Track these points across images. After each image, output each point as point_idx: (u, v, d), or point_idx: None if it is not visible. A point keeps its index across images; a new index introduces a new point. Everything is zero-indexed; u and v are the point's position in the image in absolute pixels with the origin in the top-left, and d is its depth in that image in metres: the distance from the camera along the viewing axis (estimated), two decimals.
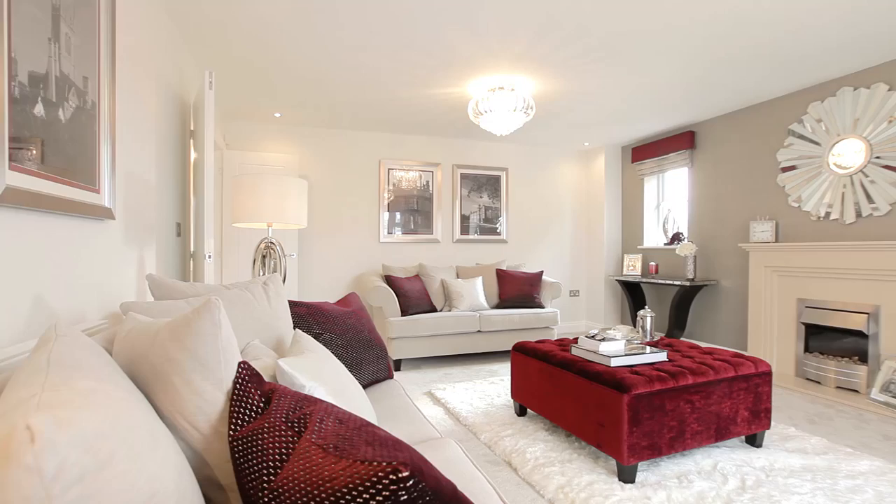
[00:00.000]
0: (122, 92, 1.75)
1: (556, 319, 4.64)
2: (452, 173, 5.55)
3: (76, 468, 0.46)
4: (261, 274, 2.90)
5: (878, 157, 3.38)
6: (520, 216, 5.89)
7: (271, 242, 2.94)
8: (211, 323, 0.84)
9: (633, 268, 5.47)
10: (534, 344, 2.84)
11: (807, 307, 3.73)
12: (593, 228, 6.07)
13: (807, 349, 3.75)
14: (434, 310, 4.48)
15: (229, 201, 4.56)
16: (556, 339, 3.03)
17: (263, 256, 2.93)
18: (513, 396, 2.92)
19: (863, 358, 3.42)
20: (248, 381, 0.84)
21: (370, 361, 2.20)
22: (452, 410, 3.06)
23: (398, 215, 5.32)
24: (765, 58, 3.25)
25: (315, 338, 2.04)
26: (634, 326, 5.25)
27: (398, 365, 4.17)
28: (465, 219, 5.60)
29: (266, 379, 1.15)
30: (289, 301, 2.06)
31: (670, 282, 4.64)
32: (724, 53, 3.17)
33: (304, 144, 4.98)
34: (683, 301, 4.74)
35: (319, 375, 1.17)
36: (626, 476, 2.08)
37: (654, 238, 5.58)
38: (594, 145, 5.90)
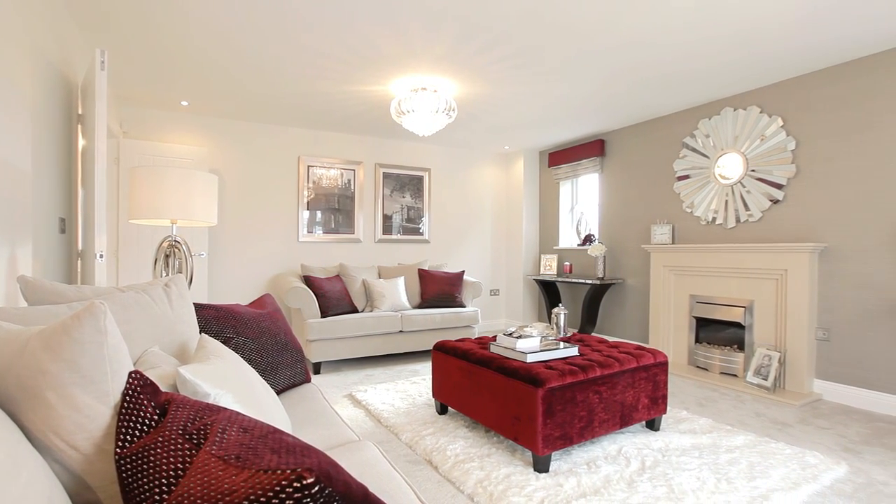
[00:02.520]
0: None
1: (477, 318, 4.76)
2: (375, 172, 5.48)
3: None
4: (163, 275, 2.67)
5: (753, 171, 3.84)
6: (442, 217, 5.96)
7: (176, 241, 2.71)
8: (94, 330, 0.75)
9: (549, 267, 5.75)
10: (454, 343, 2.88)
11: (697, 302, 4.15)
12: (513, 229, 6.30)
13: (697, 340, 4.18)
14: (355, 310, 4.40)
15: (127, 195, 4.15)
16: (476, 337, 3.11)
17: (167, 256, 2.70)
18: (434, 395, 2.94)
19: (741, 346, 3.87)
20: (139, 393, 0.76)
21: (286, 365, 2.11)
22: (373, 412, 3.02)
23: (319, 214, 5.15)
24: (663, 77, 3.57)
25: (225, 342, 1.92)
26: (550, 323, 5.53)
27: (318, 368, 4.04)
28: (387, 218, 5.56)
29: (164, 389, 1.06)
30: (195, 304, 1.92)
31: (583, 280, 4.94)
32: (630, 72, 3.43)
33: (215, 137, 4.66)
34: (594, 298, 5.07)
35: (226, 382, 1.10)
36: (541, 466, 2.18)
37: (568, 239, 5.91)
38: (514, 149, 6.13)
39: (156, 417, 0.73)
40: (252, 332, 2.02)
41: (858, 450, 2.50)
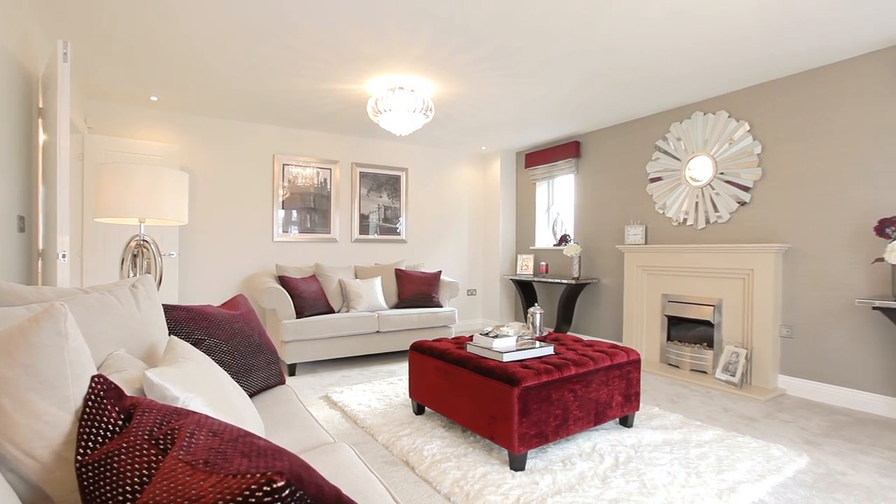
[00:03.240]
0: None
1: (454, 318, 4.76)
2: (352, 171, 5.43)
3: None
4: (131, 276, 2.59)
5: (722, 173, 3.96)
6: (419, 216, 5.95)
7: (144, 240, 2.63)
8: (54, 333, 0.72)
9: (525, 267, 5.80)
10: (431, 343, 2.88)
11: (669, 301, 4.25)
12: (490, 230, 6.33)
13: (669, 338, 4.28)
14: (331, 311, 4.35)
15: (93, 193, 4.00)
16: (453, 337, 3.11)
17: (134, 256, 2.62)
18: (411, 396, 2.93)
19: (710, 344, 3.99)
20: (103, 398, 0.74)
21: (260, 367, 2.07)
22: (350, 413, 2.99)
23: (294, 213, 5.08)
24: (637, 82, 3.64)
25: (196, 344, 1.87)
26: (526, 323, 5.58)
27: (293, 369, 3.98)
28: (364, 218, 5.52)
29: (131, 393, 1.02)
30: (164, 305, 1.87)
31: (558, 280, 5.01)
32: (605, 76, 3.49)
33: (186, 133, 4.54)
34: (570, 298, 5.14)
35: (196, 385, 1.07)
36: (517, 464, 2.19)
37: (544, 239, 5.97)
38: (491, 149, 6.16)
39: (120, 423, 0.71)
40: (224, 334, 1.98)
41: (819, 442, 2.60)
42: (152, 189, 2.31)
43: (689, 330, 4.20)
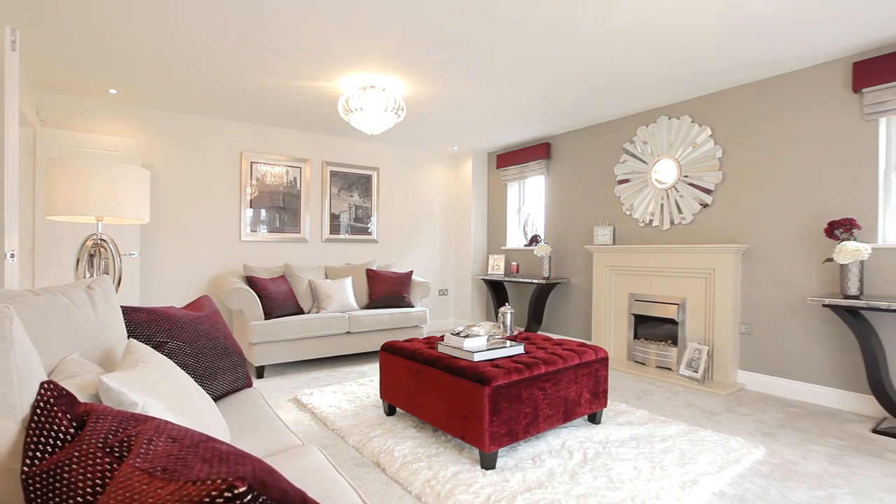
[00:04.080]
0: None
1: (426, 318, 4.76)
2: (322, 170, 5.35)
3: None
4: (87, 276, 2.47)
5: (686, 176, 4.09)
6: (391, 216, 5.92)
7: (102, 239, 2.52)
8: None
9: (496, 267, 5.85)
10: (402, 343, 2.87)
11: (636, 300, 4.36)
12: (461, 230, 6.35)
13: (635, 336, 4.39)
14: (301, 312, 4.27)
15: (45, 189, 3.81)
16: (424, 337, 3.11)
17: (91, 256, 2.50)
18: (382, 396, 2.91)
19: (675, 341, 4.11)
20: (53, 405, 0.70)
21: (226, 370, 2.01)
22: (320, 415, 2.95)
23: (263, 212, 4.96)
24: (605, 86, 3.72)
25: (158, 347, 1.81)
26: (497, 322, 5.63)
27: (261, 372, 3.89)
28: (334, 217, 5.45)
29: (85, 400, 0.98)
30: (123, 307, 1.79)
31: (529, 280, 5.07)
32: (574, 80, 3.55)
33: (149, 128, 4.37)
34: (540, 297, 5.21)
35: (156, 390, 1.03)
36: (488, 463, 2.21)
37: (515, 240, 6.03)
38: (463, 150, 6.18)
39: (72, 431, 0.68)
40: (188, 336, 1.92)
41: (774, 433, 2.72)
42: (110, 186, 2.21)
43: (654, 328, 4.32)
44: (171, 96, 4.04)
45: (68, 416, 0.70)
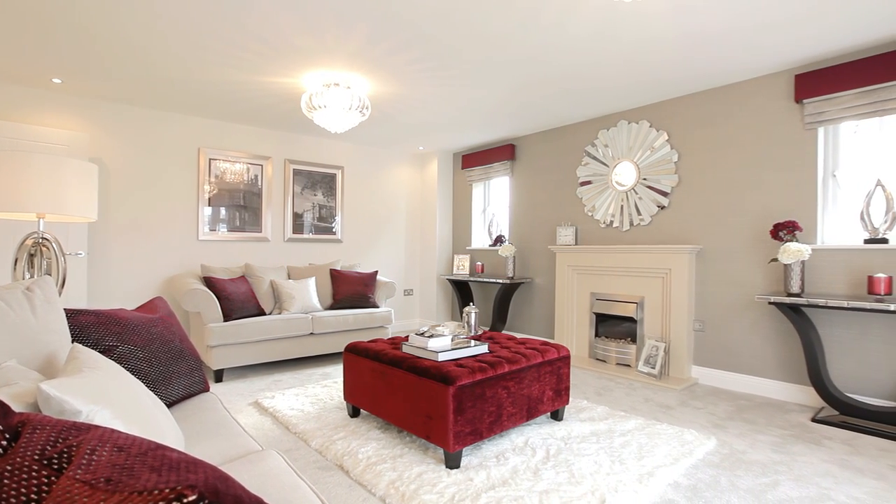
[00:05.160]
0: None
1: (391, 318, 4.73)
2: (285, 168, 5.23)
3: None
4: (26, 277, 2.32)
5: (644, 179, 4.24)
6: (356, 216, 5.85)
7: (44, 238, 2.37)
8: None
9: (461, 267, 5.88)
10: (366, 344, 2.84)
11: (597, 299, 4.48)
12: (427, 230, 6.35)
13: (597, 334, 4.51)
14: (262, 313, 4.16)
15: None
16: (389, 337, 3.09)
17: (31, 255, 2.35)
18: (346, 398, 2.87)
19: (634, 339, 4.25)
20: None
21: (182, 374, 1.94)
22: (281, 419, 2.88)
23: (223, 211, 4.80)
24: (568, 90, 3.80)
25: (107, 352, 1.72)
26: (462, 322, 5.66)
27: (220, 375, 3.76)
28: (298, 217, 5.33)
29: (22, 409, 0.92)
30: (68, 310, 1.69)
31: (494, 280, 5.12)
32: (538, 83, 3.61)
33: (97, 121, 4.15)
34: (505, 297, 5.27)
35: (103, 397, 0.98)
36: (452, 462, 2.21)
37: (480, 240, 6.08)
38: (428, 150, 6.18)
39: (4, 444, 0.63)
40: (141, 340, 1.84)
41: (725, 425, 2.85)
42: (53, 181, 2.08)
43: (615, 326, 4.45)
44: (121, 88, 3.85)
45: (0, 427, 0.65)
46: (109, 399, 1.00)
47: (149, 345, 1.85)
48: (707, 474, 2.21)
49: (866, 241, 3.00)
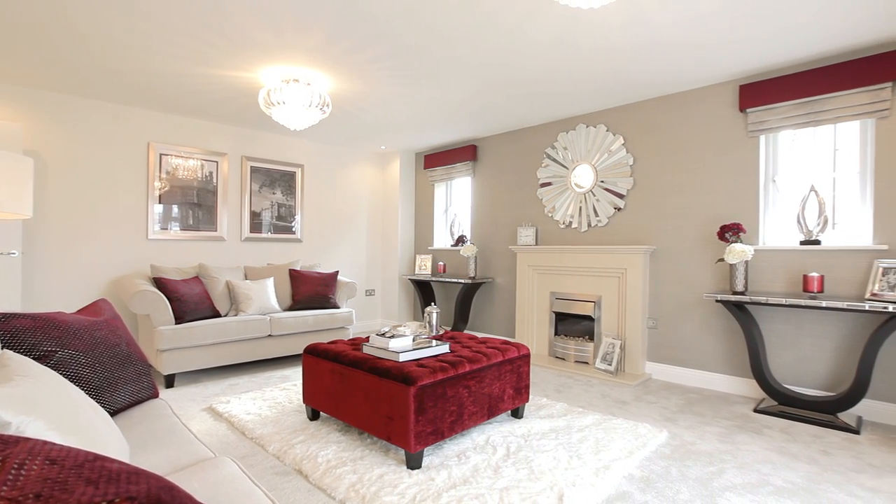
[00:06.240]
0: None
1: (352, 319, 4.67)
2: (242, 165, 5.07)
3: None
4: None
5: (602, 181, 4.36)
6: (316, 215, 5.73)
7: None
8: None
9: (423, 267, 5.87)
10: (326, 345, 2.79)
11: (556, 298, 4.58)
12: (389, 230, 6.30)
13: (556, 333, 4.61)
14: (217, 315, 4.02)
15: None
16: (350, 339, 3.05)
17: None
18: (305, 401, 2.81)
19: (591, 337, 4.37)
20: None
21: (128, 380, 1.85)
22: (237, 424, 2.79)
23: (175, 209, 4.60)
24: (528, 93, 3.86)
25: (44, 358, 1.61)
26: (424, 322, 5.65)
27: (171, 381, 3.60)
28: (255, 215, 5.17)
29: None
30: (0, 313, 1.58)
31: (455, 280, 5.14)
32: (500, 85, 3.65)
33: (33, 111, 3.88)
34: (466, 297, 5.30)
35: (35, 407, 0.92)
36: (414, 463, 2.21)
37: (442, 240, 6.10)
38: (390, 149, 6.14)
39: None
40: (83, 344, 1.74)
41: (675, 418, 2.98)
42: None
43: (574, 325, 4.56)
44: (61, 76, 3.62)
45: None
46: (43, 409, 0.94)
47: (92, 350, 1.75)
48: (659, 466, 2.30)
49: (802, 243, 3.21)
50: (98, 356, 1.76)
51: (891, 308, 2.58)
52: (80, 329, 1.78)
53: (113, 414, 1.75)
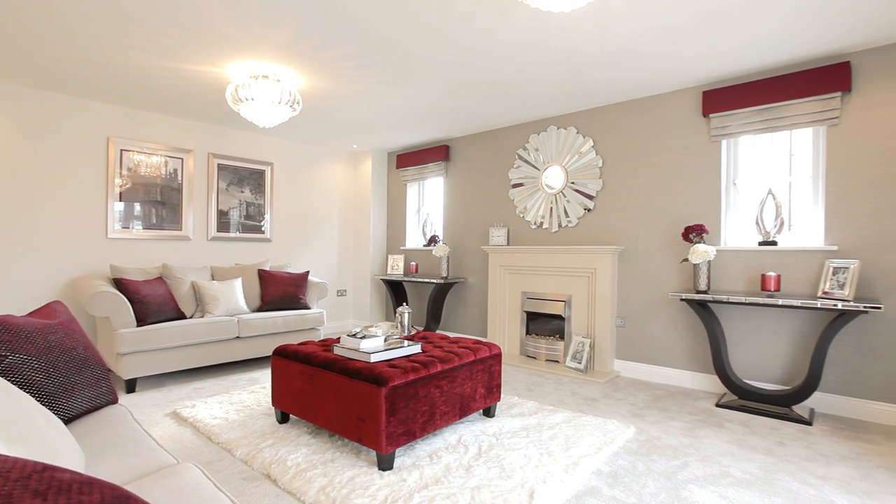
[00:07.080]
0: None
1: (323, 320, 4.60)
2: (208, 163, 4.92)
3: None
4: None
5: (572, 183, 4.44)
6: (286, 214, 5.63)
7: None
8: None
9: (396, 267, 5.84)
10: (296, 346, 2.74)
11: (528, 298, 4.63)
12: (360, 229, 6.25)
13: (528, 332, 4.67)
14: (182, 316, 3.89)
15: None
16: (320, 339, 3.00)
17: None
18: (274, 404, 2.76)
19: (562, 335, 4.44)
20: None
21: (86, 385, 1.77)
22: (203, 429, 2.71)
23: (137, 207, 4.43)
24: (500, 95, 3.89)
25: None
26: (395, 322, 5.62)
27: (132, 385, 3.47)
28: (223, 214, 5.04)
29: None
30: None
31: (428, 280, 5.14)
32: (470, 86, 3.67)
33: None
34: (439, 297, 5.30)
35: None
36: (385, 464, 2.19)
37: (415, 240, 6.08)
38: (362, 148, 6.09)
39: None
40: (35, 349, 1.66)
41: (642, 414, 3.06)
42: None
43: (545, 324, 4.62)
44: (12, 67, 3.43)
45: None
46: None
47: (45, 354, 1.67)
48: (626, 461, 2.36)
49: (760, 244, 3.35)
50: (52, 360, 1.69)
51: (840, 306, 2.72)
52: (31, 332, 1.69)
53: (68, 421, 1.67)
